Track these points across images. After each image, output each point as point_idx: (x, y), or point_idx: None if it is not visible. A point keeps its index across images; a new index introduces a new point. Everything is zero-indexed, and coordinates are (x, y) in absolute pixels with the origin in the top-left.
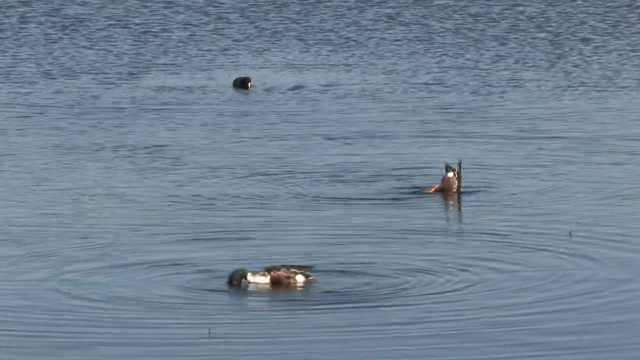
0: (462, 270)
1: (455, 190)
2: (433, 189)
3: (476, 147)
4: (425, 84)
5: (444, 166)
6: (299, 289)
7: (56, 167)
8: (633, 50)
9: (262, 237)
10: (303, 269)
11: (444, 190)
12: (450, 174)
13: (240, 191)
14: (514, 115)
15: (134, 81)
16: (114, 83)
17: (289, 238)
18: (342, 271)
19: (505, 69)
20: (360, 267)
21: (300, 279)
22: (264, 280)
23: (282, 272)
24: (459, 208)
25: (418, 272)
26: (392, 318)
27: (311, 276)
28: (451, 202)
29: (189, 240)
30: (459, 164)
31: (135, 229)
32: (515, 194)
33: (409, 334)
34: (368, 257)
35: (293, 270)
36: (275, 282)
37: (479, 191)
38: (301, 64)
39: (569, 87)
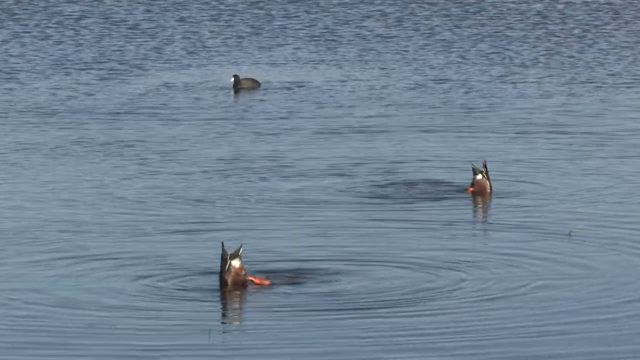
0: (514, 267)
1: (489, 190)
2: (470, 190)
3: (479, 144)
4: (426, 81)
5: (471, 168)
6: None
7: (32, 165)
8: (630, 48)
9: (263, 236)
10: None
11: (478, 193)
12: (479, 176)
13: (242, 189)
14: (514, 113)
15: (130, 79)
16: (107, 79)
17: (290, 236)
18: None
19: (505, 67)
20: (401, 267)
21: (235, 263)
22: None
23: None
24: (494, 208)
25: (469, 268)
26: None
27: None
28: (486, 202)
29: (187, 238)
30: (484, 164)
31: (129, 226)
32: (546, 191)
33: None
34: (404, 256)
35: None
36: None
37: (512, 191)
38: (299, 63)
39: (567, 84)
